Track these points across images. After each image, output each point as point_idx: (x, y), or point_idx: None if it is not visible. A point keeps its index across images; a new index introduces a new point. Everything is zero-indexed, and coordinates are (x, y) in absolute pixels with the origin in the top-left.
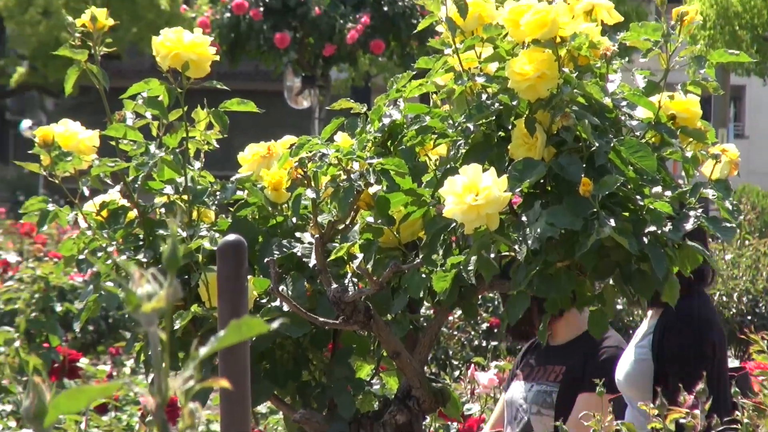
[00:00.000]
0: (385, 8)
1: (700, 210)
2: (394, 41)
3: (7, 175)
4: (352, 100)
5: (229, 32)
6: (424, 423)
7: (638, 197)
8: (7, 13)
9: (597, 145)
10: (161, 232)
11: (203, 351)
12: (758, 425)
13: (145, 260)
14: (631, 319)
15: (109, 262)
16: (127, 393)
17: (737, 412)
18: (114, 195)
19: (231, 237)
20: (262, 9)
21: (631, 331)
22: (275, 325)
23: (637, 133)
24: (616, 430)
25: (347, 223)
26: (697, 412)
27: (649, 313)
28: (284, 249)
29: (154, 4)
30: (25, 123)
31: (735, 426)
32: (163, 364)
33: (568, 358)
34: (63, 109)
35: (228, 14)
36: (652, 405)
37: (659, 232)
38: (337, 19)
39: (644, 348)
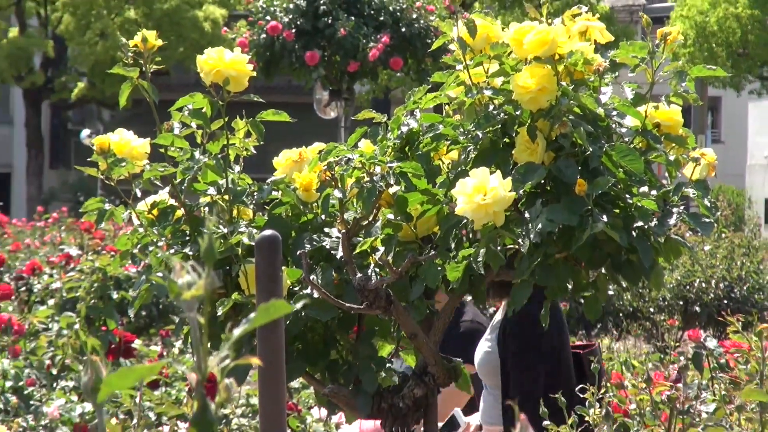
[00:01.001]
0: (403, 29)
1: (681, 207)
2: (411, 58)
3: (69, 179)
4: (373, 111)
5: (265, 51)
6: (439, 396)
7: (627, 196)
8: (69, 35)
9: (591, 150)
10: (205, 228)
11: (237, 332)
12: (734, 396)
13: (191, 253)
14: (621, 303)
15: (159, 255)
16: (176, 370)
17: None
18: (163, 196)
19: (267, 232)
20: (294, 31)
21: (621, 315)
22: (298, 306)
23: (626, 139)
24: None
25: (370, 219)
26: (680, 385)
27: (503, 303)
28: (314, 243)
29: (198, 27)
30: (85, 132)
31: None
32: (202, 345)
33: None
34: (118, 120)
35: (264, 35)
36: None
37: (646, 226)
38: (361, 39)
39: (492, 341)
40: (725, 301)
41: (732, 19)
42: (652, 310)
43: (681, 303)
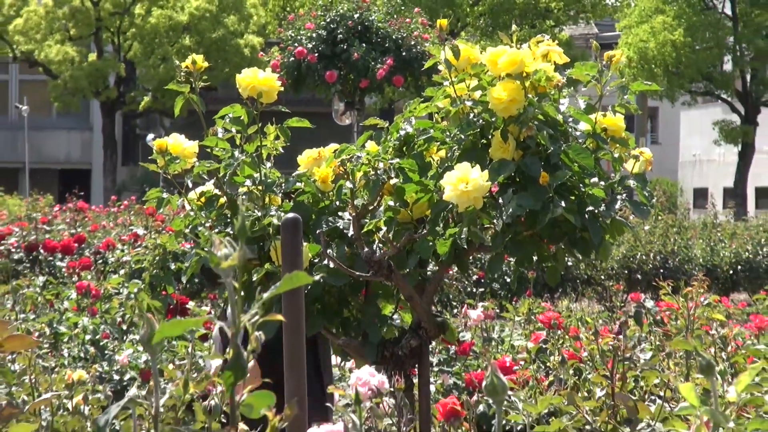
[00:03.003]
0: (404, 53)
1: (625, 195)
2: (410, 77)
3: (137, 173)
4: (378, 119)
5: (293, 71)
6: (430, 346)
7: (581, 186)
8: (137, 59)
9: (552, 149)
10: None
11: (265, 296)
12: (665, 346)
13: (231, 233)
14: (578, 272)
15: (206, 234)
16: None
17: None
18: (209, 187)
19: (290, 215)
20: (316, 55)
21: (578, 281)
22: (317, 277)
23: (580, 141)
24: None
25: (375, 205)
26: (621, 337)
27: None
28: (330, 224)
29: (240, 52)
30: (150, 136)
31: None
32: (236, 305)
33: None
34: (177, 127)
35: (292, 58)
36: None
37: (596, 210)
38: (370, 61)
39: None
40: (661, 270)
41: (668, 44)
42: (602, 277)
43: (626, 272)
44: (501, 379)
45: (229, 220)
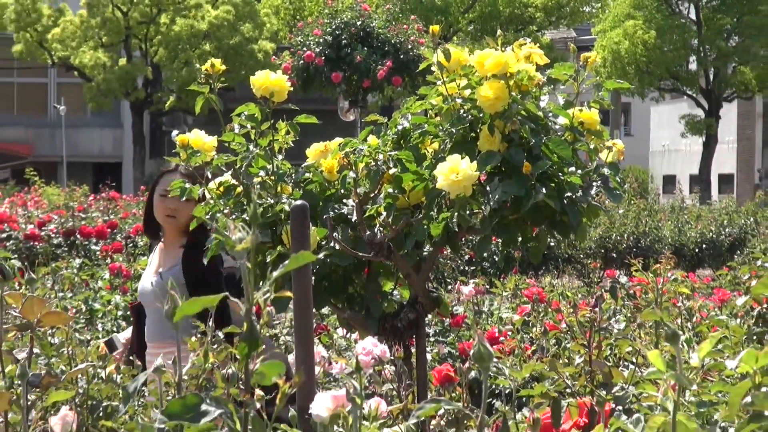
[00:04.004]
0: (402, 56)
1: (599, 182)
2: (407, 77)
3: (163, 166)
4: (379, 115)
5: (303, 73)
6: (427, 319)
7: (560, 174)
8: (162, 63)
9: (533, 141)
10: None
11: (275, 274)
12: (636, 317)
13: (247, 218)
14: (559, 251)
15: (224, 220)
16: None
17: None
18: (227, 177)
19: (298, 202)
20: (323, 58)
21: (559, 259)
22: (320, 256)
23: (559, 134)
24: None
25: (375, 192)
26: (597, 309)
27: (165, 253)
28: (336, 210)
29: (254, 56)
30: (174, 133)
31: None
32: (249, 283)
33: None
34: (198, 123)
35: (302, 62)
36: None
37: (574, 196)
38: (371, 63)
39: (176, 273)
40: (634, 249)
41: (639, 46)
42: (581, 256)
43: (602, 251)
44: (487, 348)
45: (245, 207)
